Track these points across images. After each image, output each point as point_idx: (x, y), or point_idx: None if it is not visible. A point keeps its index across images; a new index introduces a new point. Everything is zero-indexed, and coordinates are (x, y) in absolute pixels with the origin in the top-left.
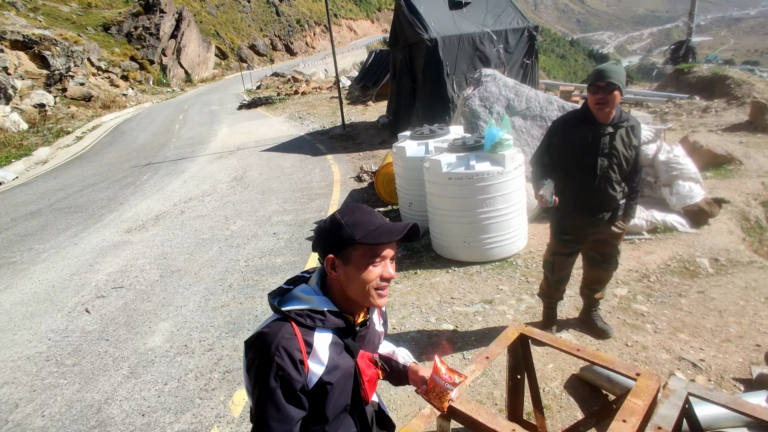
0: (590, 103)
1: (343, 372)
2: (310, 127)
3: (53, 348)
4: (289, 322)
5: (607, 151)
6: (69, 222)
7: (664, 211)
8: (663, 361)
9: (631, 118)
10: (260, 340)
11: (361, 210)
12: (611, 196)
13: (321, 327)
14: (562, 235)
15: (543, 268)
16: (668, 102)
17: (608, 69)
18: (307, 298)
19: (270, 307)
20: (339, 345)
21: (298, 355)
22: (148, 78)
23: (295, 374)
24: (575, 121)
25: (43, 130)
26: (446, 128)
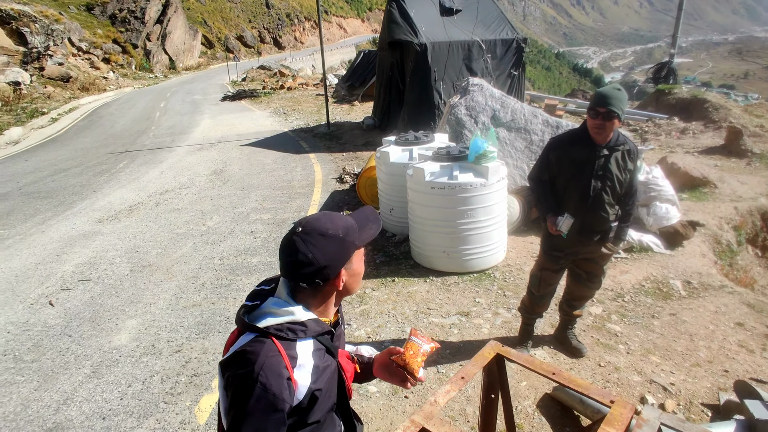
0: (588, 125)
1: (330, 374)
2: (294, 123)
3: (12, 342)
4: (270, 338)
5: (601, 173)
6: (37, 208)
7: (640, 231)
8: (634, 383)
9: (628, 141)
10: (241, 360)
11: (334, 216)
12: (603, 218)
13: (303, 337)
14: (552, 251)
15: (529, 283)
16: (648, 121)
17: (610, 96)
18: (282, 311)
19: (242, 326)
20: (321, 350)
21: (285, 374)
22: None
23: (281, 394)
24: (573, 140)
25: (17, 109)
26: (431, 135)
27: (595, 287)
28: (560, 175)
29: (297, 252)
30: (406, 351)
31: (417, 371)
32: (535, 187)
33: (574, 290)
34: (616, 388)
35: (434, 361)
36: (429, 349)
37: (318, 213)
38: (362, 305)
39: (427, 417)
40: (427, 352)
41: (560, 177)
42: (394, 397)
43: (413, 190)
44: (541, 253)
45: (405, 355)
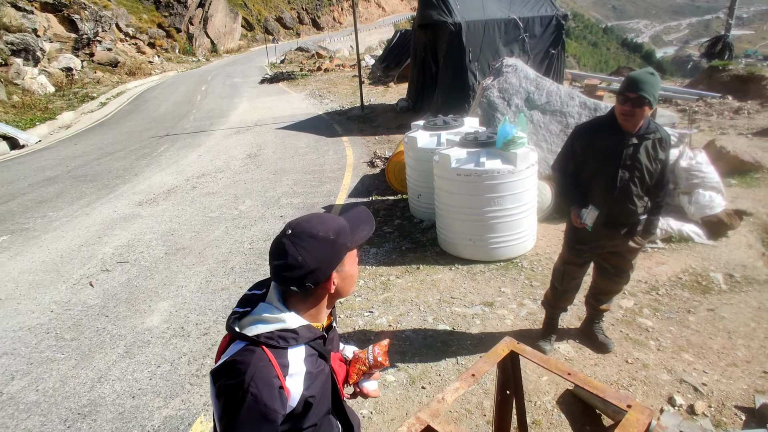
0: (617, 112)
1: (322, 380)
2: (329, 106)
3: (54, 321)
4: (260, 347)
5: (629, 163)
6: (83, 191)
7: (681, 220)
8: (663, 382)
9: (660, 129)
10: (231, 370)
11: (325, 218)
12: (630, 210)
13: (294, 344)
14: (576, 244)
15: (552, 278)
16: (699, 101)
17: (642, 80)
18: (273, 317)
19: (232, 334)
20: (313, 355)
21: (276, 383)
22: (174, 46)
23: (272, 404)
24: (599, 128)
25: (69, 94)
26: (461, 120)
27: (623, 282)
28: (585, 165)
29: (286, 255)
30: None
31: (351, 377)
32: (558, 177)
33: (600, 285)
34: (642, 387)
35: (455, 351)
36: (372, 362)
37: (309, 215)
38: (385, 292)
39: (433, 414)
40: (368, 363)
41: (585, 167)
42: (411, 387)
43: (439, 177)
44: (564, 246)
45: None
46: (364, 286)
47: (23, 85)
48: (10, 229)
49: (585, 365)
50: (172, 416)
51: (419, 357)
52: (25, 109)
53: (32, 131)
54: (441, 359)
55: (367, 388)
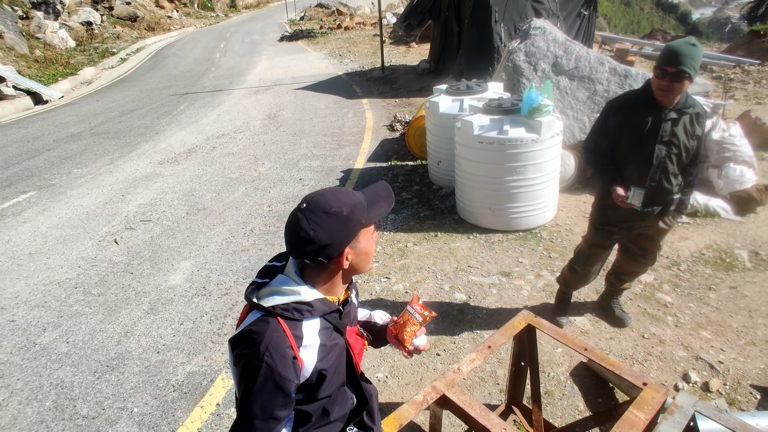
0: (653, 86)
1: (338, 352)
2: (348, 66)
3: (82, 276)
4: (276, 318)
5: (666, 139)
6: (106, 148)
7: (707, 194)
8: (678, 358)
9: (697, 104)
10: (248, 339)
11: (341, 193)
12: (666, 189)
13: (309, 317)
14: (605, 226)
15: (573, 260)
16: (736, 67)
17: (682, 53)
18: (289, 290)
19: (249, 304)
20: (328, 328)
21: (290, 353)
22: (193, 1)
23: (286, 374)
24: (634, 103)
25: (90, 49)
26: (484, 84)
27: (649, 263)
28: (620, 142)
29: (300, 229)
30: (398, 320)
31: (407, 341)
32: (593, 157)
33: (625, 266)
34: (657, 362)
35: (470, 320)
36: (420, 319)
37: (325, 189)
38: (403, 259)
39: (449, 384)
40: (418, 322)
41: (620, 144)
42: (426, 353)
43: (461, 144)
44: (591, 228)
45: (398, 323)
46: (382, 252)
47: (44, 39)
48: (37, 185)
49: (600, 338)
50: (195, 372)
51: (435, 324)
52: (47, 64)
53: (55, 86)
54: (456, 327)
55: (420, 344)
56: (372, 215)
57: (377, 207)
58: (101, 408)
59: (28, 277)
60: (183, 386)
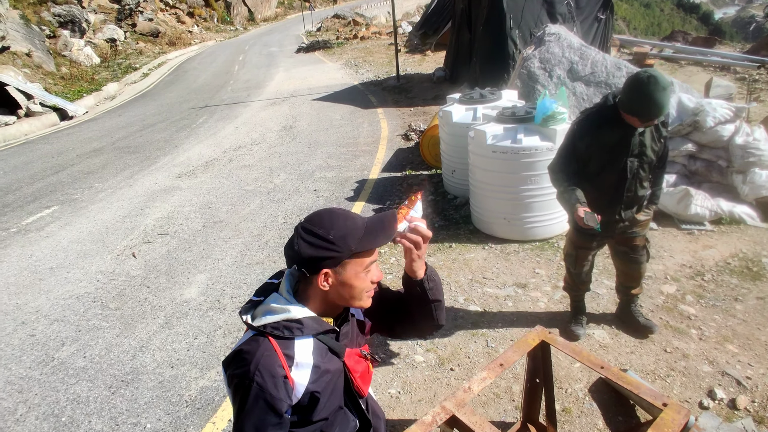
0: (628, 120)
1: (333, 375)
2: (364, 76)
3: (100, 290)
4: (266, 337)
5: (637, 152)
6: (127, 162)
7: (732, 201)
8: (703, 374)
9: None
10: (238, 359)
11: (338, 216)
12: (641, 195)
13: (300, 335)
14: (586, 229)
15: (565, 262)
16: (760, 68)
17: (664, 104)
18: (280, 308)
19: (244, 323)
20: (322, 348)
21: (280, 372)
22: (213, 15)
23: (277, 393)
24: (602, 123)
25: (113, 65)
26: (498, 93)
27: (644, 260)
28: (592, 160)
29: (291, 240)
30: None
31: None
32: (557, 179)
33: (625, 270)
34: (681, 378)
35: (483, 334)
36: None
37: (329, 209)
38: None
39: (459, 404)
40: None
41: (592, 162)
42: (440, 368)
43: (474, 154)
44: (573, 231)
45: None
46: (395, 263)
47: (71, 56)
48: (60, 200)
49: (621, 353)
50: (208, 387)
51: (449, 338)
52: (72, 81)
53: (80, 102)
54: (471, 341)
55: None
56: (365, 244)
57: (374, 238)
58: (115, 423)
59: (49, 292)
60: (196, 402)
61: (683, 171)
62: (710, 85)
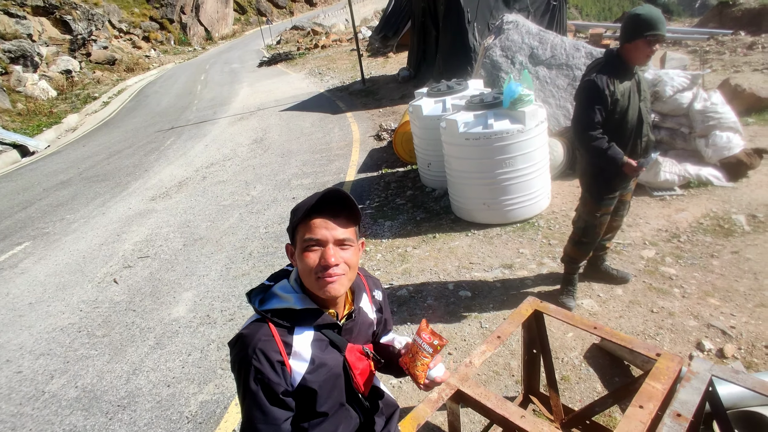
0: (641, 53)
1: (331, 368)
2: (329, 83)
3: (84, 319)
4: (267, 322)
5: (643, 96)
6: (97, 191)
7: (698, 164)
8: (690, 328)
9: None
10: (240, 342)
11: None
12: (651, 139)
13: (299, 326)
14: (609, 194)
15: (580, 235)
16: (710, 39)
17: (662, 19)
18: (285, 296)
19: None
20: (323, 341)
21: (276, 357)
22: (169, 38)
23: (273, 377)
24: (615, 72)
25: (71, 97)
26: (464, 83)
27: (626, 213)
28: (614, 111)
29: None
30: (406, 354)
31: (420, 376)
32: (590, 137)
33: (611, 224)
34: (669, 335)
35: (476, 317)
36: (431, 349)
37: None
38: (404, 264)
39: (463, 379)
40: (429, 354)
41: (612, 114)
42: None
43: (448, 143)
44: (594, 201)
45: (406, 359)
46: (382, 259)
47: (26, 92)
48: (31, 235)
49: (610, 318)
50: (208, 401)
51: (443, 324)
52: (30, 116)
53: (40, 137)
54: (465, 324)
55: (437, 375)
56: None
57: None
58: None
59: (31, 327)
60: (197, 417)
61: None
62: (665, 58)
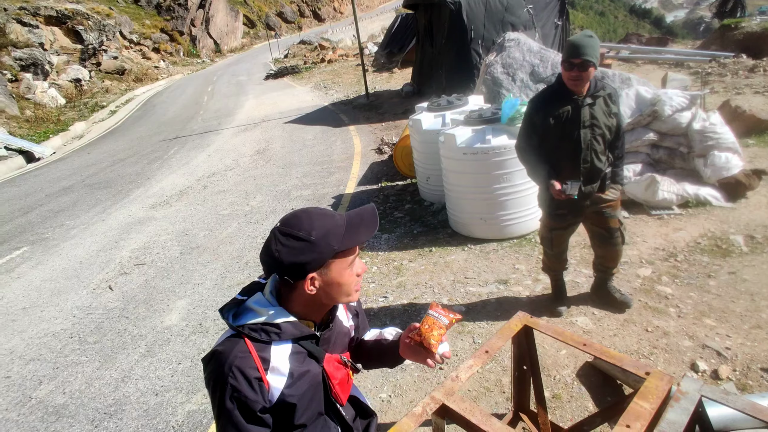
0: (564, 78)
1: (310, 380)
2: (334, 96)
3: (77, 325)
4: (243, 338)
5: (588, 123)
6: (98, 198)
7: (696, 184)
8: (685, 348)
9: (607, 86)
10: (214, 359)
11: (317, 216)
12: (598, 168)
13: (277, 340)
14: (557, 210)
15: (541, 244)
16: (711, 62)
17: (583, 44)
18: (261, 310)
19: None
20: (301, 353)
21: (253, 374)
22: (179, 49)
23: (251, 395)
24: (553, 97)
25: (80, 105)
26: (465, 99)
27: (620, 242)
28: (547, 134)
29: (269, 247)
30: (422, 325)
31: (434, 346)
32: (525, 155)
33: (601, 251)
34: (664, 355)
35: (469, 332)
36: (447, 321)
37: (303, 210)
38: (399, 277)
39: (448, 393)
40: (445, 325)
41: (548, 137)
42: (429, 369)
43: (446, 158)
44: (545, 215)
45: (421, 329)
46: (377, 272)
47: (35, 99)
48: (30, 240)
49: (604, 336)
50: (195, 411)
51: None
52: (38, 123)
53: (47, 144)
54: (457, 339)
55: (445, 351)
56: (348, 242)
57: (356, 234)
58: None
59: (23, 332)
60: (183, 426)
61: (647, 160)
62: (666, 79)
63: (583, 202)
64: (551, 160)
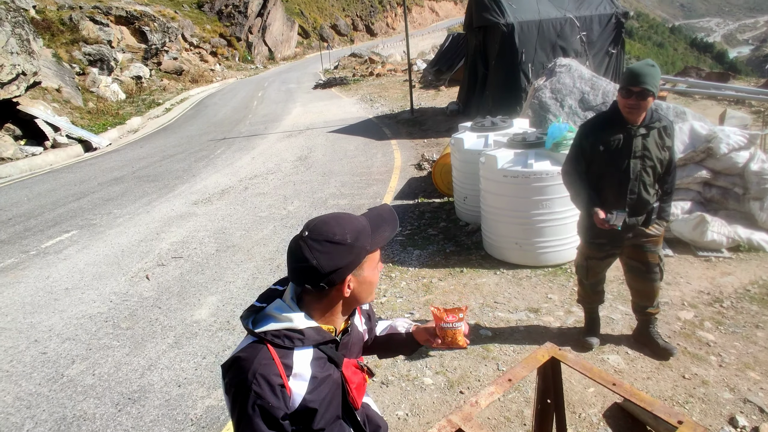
0: (620, 106)
1: (330, 385)
2: (379, 110)
3: (113, 310)
4: (266, 344)
5: (639, 154)
6: (146, 190)
7: (750, 227)
8: (724, 401)
9: (663, 118)
10: (236, 366)
11: (345, 219)
12: (645, 200)
13: (300, 345)
14: (595, 239)
15: (576, 273)
16: None
17: (644, 72)
18: (282, 316)
19: (245, 328)
20: (322, 359)
21: (277, 381)
22: (234, 54)
23: (274, 401)
24: (605, 124)
25: (138, 101)
26: (509, 121)
27: (657, 278)
28: (595, 161)
29: (302, 257)
30: (444, 339)
31: (463, 342)
32: (571, 180)
33: (637, 286)
34: (700, 405)
35: (494, 358)
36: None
37: (328, 215)
38: (427, 294)
39: (466, 418)
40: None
41: (595, 164)
42: (449, 391)
43: (485, 179)
44: (582, 243)
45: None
46: (406, 287)
47: (98, 92)
48: (80, 225)
49: (636, 378)
50: (214, 406)
51: (458, 361)
52: (98, 115)
53: (104, 135)
54: (481, 364)
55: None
56: (376, 240)
57: (381, 232)
58: None
59: (63, 311)
60: (201, 420)
61: (698, 198)
62: (725, 115)
63: (625, 234)
64: (597, 188)
